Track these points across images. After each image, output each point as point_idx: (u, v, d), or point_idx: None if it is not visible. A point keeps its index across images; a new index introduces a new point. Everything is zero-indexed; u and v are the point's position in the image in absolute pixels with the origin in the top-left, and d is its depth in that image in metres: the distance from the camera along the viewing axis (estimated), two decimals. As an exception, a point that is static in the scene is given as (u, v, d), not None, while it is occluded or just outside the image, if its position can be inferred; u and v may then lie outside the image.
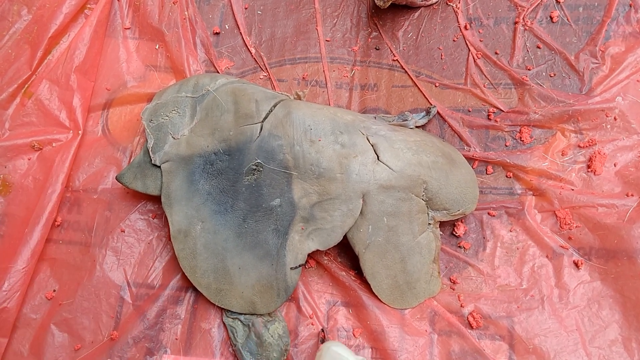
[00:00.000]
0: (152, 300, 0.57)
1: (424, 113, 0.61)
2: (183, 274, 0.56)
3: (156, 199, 0.58)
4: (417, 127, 0.61)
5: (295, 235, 0.54)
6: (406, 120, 0.60)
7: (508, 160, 0.59)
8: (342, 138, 0.54)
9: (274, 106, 0.56)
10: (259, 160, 0.54)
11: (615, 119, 0.59)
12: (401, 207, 0.54)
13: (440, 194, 0.55)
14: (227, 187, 0.55)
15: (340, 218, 0.54)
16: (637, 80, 0.59)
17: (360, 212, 0.54)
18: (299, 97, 0.59)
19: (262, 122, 0.55)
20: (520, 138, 0.60)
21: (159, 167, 0.57)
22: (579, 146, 0.59)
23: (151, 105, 0.60)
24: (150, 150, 0.57)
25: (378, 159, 0.54)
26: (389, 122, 0.60)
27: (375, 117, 0.60)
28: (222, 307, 0.55)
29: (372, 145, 0.55)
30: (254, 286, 0.54)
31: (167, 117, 0.58)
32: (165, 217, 0.56)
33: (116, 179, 0.58)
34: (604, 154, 0.58)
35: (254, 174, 0.54)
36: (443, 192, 0.55)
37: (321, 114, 0.55)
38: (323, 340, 0.54)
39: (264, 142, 0.55)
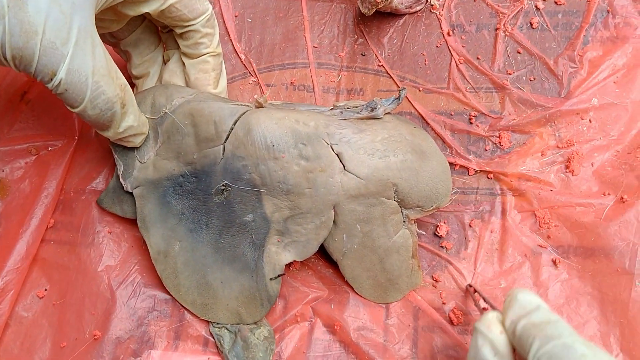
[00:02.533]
0: (138, 300, 0.58)
1: (393, 97, 0.60)
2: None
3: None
4: (386, 113, 0.60)
5: (272, 247, 0.55)
6: (375, 108, 0.59)
7: (487, 168, 0.61)
8: (306, 151, 0.54)
9: (234, 124, 0.55)
10: (226, 182, 0.54)
11: (590, 120, 0.60)
12: (373, 213, 0.55)
13: (411, 194, 0.55)
14: (199, 206, 0.56)
15: (314, 230, 0.55)
16: (614, 82, 0.61)
17: (334, 222, 0.55)
18: (260, 105, 0.58)
19: (224, 143, 0.55)
20: (500, 143, 0.62)
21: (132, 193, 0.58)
22: (557, 147, 0.60)
23: None
24: (120, 177, 0.58)
25: (344, 168, 0.54)
26: (358, 113, 0.59)
27: (342, 112, 0.59)
28: (210, 320, 0.57)
29: (337, 155, 0.54)
30: (238, 298, 0.55)
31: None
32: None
33: (97, 203, 0.60)
34: (582, 154, 0.59)
35: (223, 194, 0.55)
36: (414, 191, 0.55)
37: (283, 125, 0.54)
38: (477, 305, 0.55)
39: (229, 163, 0.54)
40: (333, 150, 0.54)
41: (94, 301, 0.58)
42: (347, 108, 0.59)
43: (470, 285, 0.56)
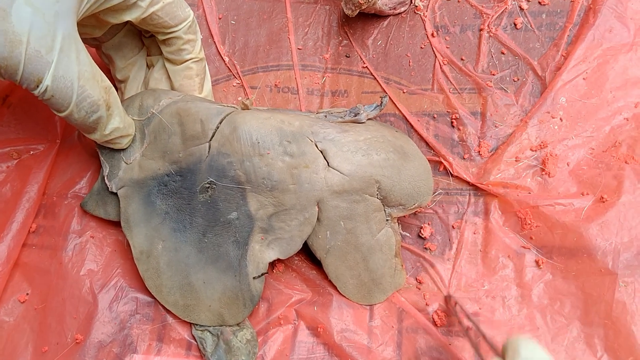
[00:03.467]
0: (121, 303, 0.58)
1: (375, 104, 0.61)
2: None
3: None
4: (369, 119, 0.61)
5: (256, 246, 0.55)
6: (358, 113, 0.60)
7: (465, 176, 0.61)
8: (291, 148, 0.54)
9: (220, 123, 0.56)
10: (211, 179, 0.54)
11: (561, 119, 0.60)
12: (356, 209, 0.55)
13: (394, 191, 0.56)
14: (183, 205, 0.56)
15: (298, 227, 0.55)
16: (583, 79, 0.61)
17: (317, 219, 0.55)
18: (246, 107, 0.59)
19: (210, 141, 0.55)
20: (479, 152, 0.62)
21: (116, 194, 0.58)
22: (530, 149, 0.60)
23: None
24: (105, 178, 0.58)
25: (328, 165, 0.55)
26: (341, 118, 0.60)
27: (325, 116, 0.60)
28: (191, 322, 0.56)
29: (322, 152, 0.55)
30: (220, 299, 0.55)
31: None
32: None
33: (80, 206, 0.60)
34: (556, 155, 0.59)
35: (207, 192, 0.55)
36: (397, 189, 0.56)
37: (268, 124, 0.55)
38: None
39: (214, 160, 0.55)
40: (317, 147, 0.55)
41: (75, 305, 0.57)
42: (331, 113, 0.60)
43: (451, 297, 0.56)
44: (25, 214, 0.60)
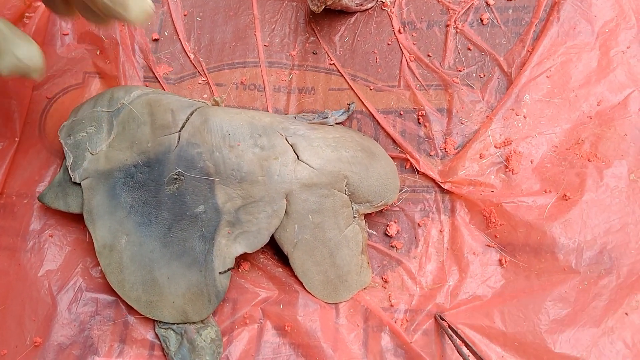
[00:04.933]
0: (80, 304, 0.57)
1: (343, 110, 0.63)
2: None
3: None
4: (337, 123, 0.62)
5: (222, 240, 0.54)
6: (326, 117, 0.61)
7: (431, 173, 0.61)
8: (261, 141, 0.55)
9: (191, 114, 0.56)
10: (179, 170, 0.54)
11: (525, 117, 0.60)
12: (325, 204, 0.55)
13: (361, 187, 0.56)
14: (150, 198, 0.55)
15: (266, 220, 0.54)
16: (547, 77, 0.60)
17: (285, 212, 0.55)
18: (216, 103, 0.59)
19: (180, 131, 0.55)
20: (445, 149, 0.61)
21: (79, 185, 0.57)
22: (494, 147, 0.60)
23: (68, 122, 0.60)
24: (69, 168, 0.57)
25: (298, 158, 0.55)
26: (310, 120, 0.61)
27: (295, 117, 0.60)
28: (154, 319, 0.56)
29: (292, 145, 0.56)
30: (184, 295, 0.54)
31: (84, 134, 0.58)
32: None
33: (38, 199, 0.59)
34: (520, 152, 0.59)
35: (175, 184, 0.55)
36: (364, 185, 0.56)
37: (239, 118, 0.56)
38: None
39: (183, 151, 0.54)
40: (287, 141, 0.56)
41: (34, 307, 0.56)
42: (300, 116, 0.62)
43: (442, 319, 0.55)
44: (-18, 214, 0.58)
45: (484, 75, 0.63)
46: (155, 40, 0.69)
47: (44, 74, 0.54)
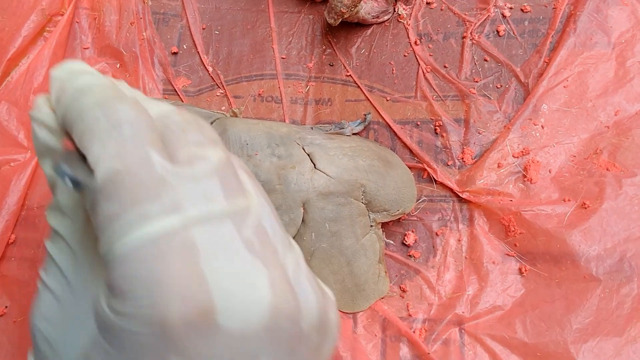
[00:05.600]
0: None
1: (359, 120, 0.63)
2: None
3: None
4: (353, 134, 0.62)
5: (242, 246, 0.55)
6: (343, 128, 0.62)
7: (449, 183, 0.61)
8: (279, 150, 0.56)
9: (210, 125, 0.57)
10: None
11: (542, 126, 0.60)
12: (342, 212, 0.55)
13: (378, 196, 0.56)
14: None
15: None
16: (564, 86, 0.61)
17: (302, 221, 0.55)
18: (235, 115, 0.60)
19: None
20: (462, 159, 0.62)
21: None
22: (512, 156, 0.60)
23: None
24: None
25: (315, 167, 0.56)
26: (326, 131, 0.61)
27: (312, 128, 0.61)
28: None
29: (309, 155, 0.56)
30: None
31: None
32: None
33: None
34: (538, 162, 0.59)
35: None
36: (381, 194, 0.56)
37: (257, 128, 0.56)
38: None
39: None
40: (304, 150, 0.56)
41: (55, 317, 0.57)
42: (317, 127, 0.62)
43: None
44: (4, 226, 0.59)
45: (501, 86, 0.63)
46: (174, 53, 0.70)
47: None
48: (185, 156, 0.30)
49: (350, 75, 0.67)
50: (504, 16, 0.66)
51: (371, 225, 0.57)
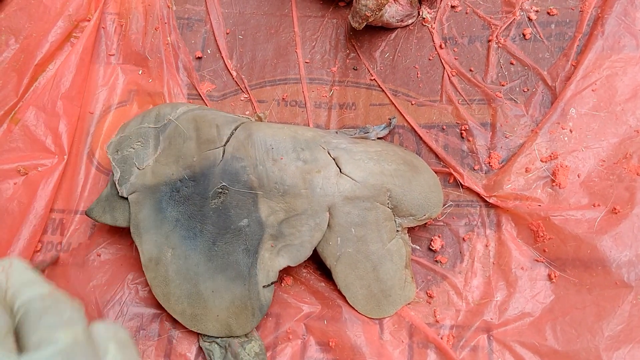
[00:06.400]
0: (126, 319, 0.57)
1: (384, 125, 0.63)
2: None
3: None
4: (378, 138, 0.62)
5: (266, 254, 0.54)
6: (368, 132, 0.62)
7: (476, 188, 0.60)
8: (304, 154, 0.55)
9: (235, 129, 0.57)
10: (223, 183, 0.55)
11: (571, 130, 0.59)
12: (368, 217, 0.55)
13: (404, 201, 0.56)
14: (195, 212, 0.55)
15: (309, 233, 0.54)
16: (592, 90, 0.60)
17: (328, 225, 0.55)
18: (260, 119, 0.60)
19: (224, 145, 0.56)
20: (489, 163, 0.61)
21: (126, 199, 0.57)
22: (541, 160, 0.59)
23: (115, 138, 0.61)
24: (116, 182, 0.58)
25: (340, 171, 0.55)
26: (351, 135, 0.61)
27: (337, 132, 0.61)
28: (198, 332, 0.56)
29: (334, 159, 0.56)
30: (228, 308, 0.54)
31: (131, 149, 0.59)
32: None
33: (85, 214, 0.59)
34: (566, 166, 0.58)
35: (220, 197, 0.55)
36: (407, 198, 0.56)
37: (282, 133, 0.56)
38: None
39: (228, 165, 0.55)
40: (330, 154, 0.56)
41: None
42: (342, 131, 0.62)
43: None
44: (32, 230, 0.59)
45: (528, 90, 0.63)
46: (199, 58, 0.70)
47: None
48: (36, 340, 0.31)
49: (374, 79, 0.67)
50: (530, 19, 0.66)
51: (397, 230, 0.57)
